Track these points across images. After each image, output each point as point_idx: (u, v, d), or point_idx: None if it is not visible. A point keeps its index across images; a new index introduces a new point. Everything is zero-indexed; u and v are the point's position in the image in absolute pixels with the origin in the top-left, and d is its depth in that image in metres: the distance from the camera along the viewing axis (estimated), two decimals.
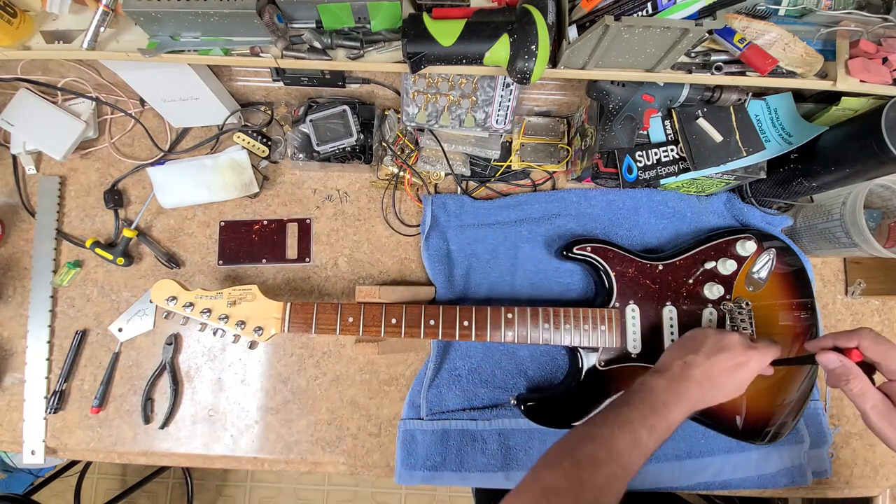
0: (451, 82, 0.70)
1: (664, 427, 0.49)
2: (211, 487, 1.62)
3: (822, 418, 0.75)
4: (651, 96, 0.65)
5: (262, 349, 0.77)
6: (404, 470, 0.72)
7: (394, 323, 0.66)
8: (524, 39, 0.50)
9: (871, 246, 0.67)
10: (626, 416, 0.49)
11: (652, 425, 0.48)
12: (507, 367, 0.75)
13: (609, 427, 0.48)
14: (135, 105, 0.81)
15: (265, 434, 0.75)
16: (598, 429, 0.49)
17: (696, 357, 0.54)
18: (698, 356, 0.54)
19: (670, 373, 0.54)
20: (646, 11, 0.50)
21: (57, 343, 0.77)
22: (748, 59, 0.55)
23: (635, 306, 0.69)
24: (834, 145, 0.64)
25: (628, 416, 0.49)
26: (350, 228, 0.80)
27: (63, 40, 0.58)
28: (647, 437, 0.47)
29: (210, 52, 0.57)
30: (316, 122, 0.73)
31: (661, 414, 0.49)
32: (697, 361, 0.54)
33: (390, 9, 0.53)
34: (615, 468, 0.45)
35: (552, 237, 0.77)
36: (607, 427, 0.48)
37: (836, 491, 0.76)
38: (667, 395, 0.51)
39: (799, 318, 0.71)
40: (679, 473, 0.73)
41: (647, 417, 0.49)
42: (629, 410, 0.50)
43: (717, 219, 0.78)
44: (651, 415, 0.49)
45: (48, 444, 0.75)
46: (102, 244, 0.76)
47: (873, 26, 0.56)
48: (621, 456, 0.46)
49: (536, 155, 0.79)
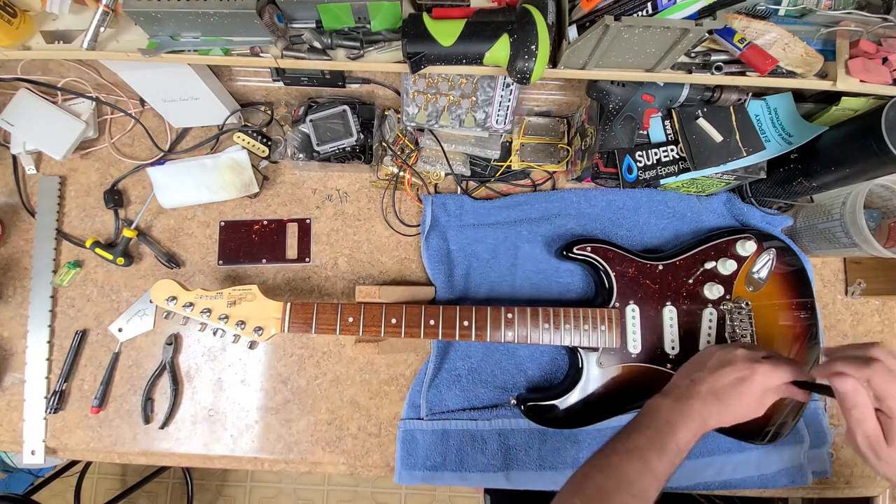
0: (451, 82, 0.70)
1: (673, 449, 0.47)
2: (211, 487, 1.62)
3: (822, 418, 0.75)
4: (651, 96, 0.65)
5: (262, 349, 0.77)
6: (404, 470, 0.72)
7: (394, 323, 0.66)
8: (524, 39, 0.50)
9: (871, 246, 0.66)
10: (633, 441, 0.48)
11: (661, 448, 0.47)
12: (507, 367, 0.75)
13: (617, 455, 0.47)
14: (135, 105, 0.81)
15: (265, 434, 0.75)
16: (607, 459, 0.48)
17: (701, 374, 0.53)
18: (703, 373, 0.53)
19: (676, 392, 0.52)
20: (646, 11, 0.50)
21: (57, 343, 0.77)
22: (748, 59, 0.55)
23: (635, 306, 0.69)
24: (834, 145, 0.64)
25: (635, 441, 0.48)
26: (350, 228, 0.80)
27: (63, 40, 0.58)
28: (656, 460, 0.46)
29: (210, 52, 0.57)
30: (316, 122, 0.73)
31: (668, 435, 0.48)
32: (702, 378, 0.52)
33: (390, 9, 0.53)
34: (626, 497, 0.44)
35: (552, 237, 0.77)
36: (615, 455, 0.47)
37: (836, 491, 0.76)
38: (671, 415, 0.50)
39: (799, 318, 0.71)
40: (679, 473, 0.71)
41: (654, 441, 0.47)
42: (636, 436, 0.49)
43: (717, 219, 0.78)
44: (657, 437, 0.48)
45: (48, 444, 0.75)
46: (102, 244, 0.76)
47: (873, 26, 0.56)
48: (631, 484, 0.45)
49: (536, 155, 0.79)
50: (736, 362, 0.52)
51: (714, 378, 0.52)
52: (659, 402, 0.52)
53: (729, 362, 0.53)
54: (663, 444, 0.47)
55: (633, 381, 0.68)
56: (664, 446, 0.47)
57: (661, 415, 0.50)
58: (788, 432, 0.68)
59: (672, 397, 0.52)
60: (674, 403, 0.51)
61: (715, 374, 0.52)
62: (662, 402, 0.52)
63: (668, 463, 0.46)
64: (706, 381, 0.52)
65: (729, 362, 0.53)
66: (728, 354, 0.54)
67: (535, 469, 0.72)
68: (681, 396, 0.51)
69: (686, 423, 0.49)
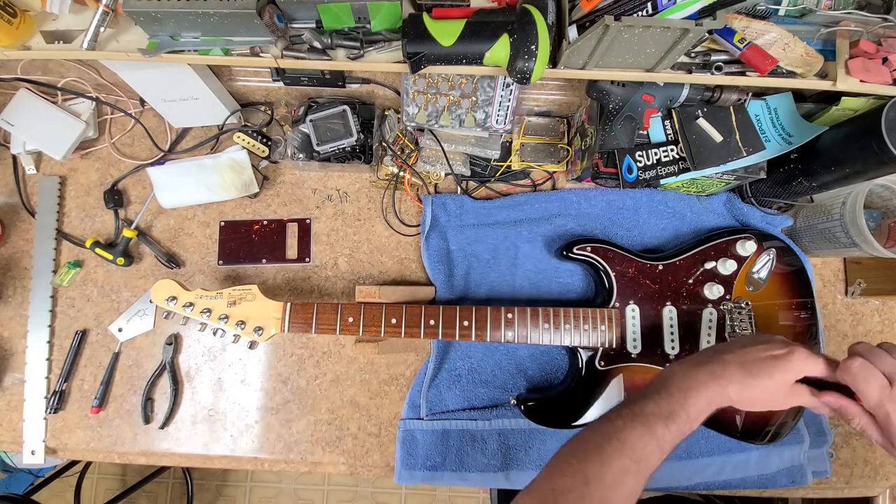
0: (451, 82, 0.70)
1: (683, 417, 0.43)
2: (211, 487, 1.62)
3: (822, 418, 0.75)
4: (651, 96, 0.65)
5: (262, 349, 0.77)
6: (404, 470, 0.72)
7: (394, 323, 0.66)
8: (524, 39, 0.50)
9: (871, 246, 0.66)
10: (640, 406, 0.45)
11: (669, 414, 0.43)
12: (507, 367, 0.75)
13: (621, 419, 0.44)
14: (135, 105, 0.81)
15: (265, 434, 0.75)
16: (611, 422, 0.45)
17: (732, 346, 0.48)
18: (734, 345, 0.48)
19: (695, 359, 0.48)
20: (646, 11, 0.50)
21: (57, 343, 0.77)
22: (748, 59, 0.55)
23: (635, 306, 0.69)
24: (834, 145, 0.64)
25: (642, 406, 0.44)
26: (350, 228, 0.80)
27: (63, 40, 0.58)
28: (662, 428, 0.42)
29: (210, 52, 0.57)
30: (316, 122, 0.73)
31: (679, 401, 0.44)
32: (730, 348, 0.48)
33: (390, 9, 0.53)
34: (626, 462, 0.41)
35: (552, 237, 0.77)
36: (619, 419, 0.44)
37: (836, 491, 0.76)
38: (686, 381, 0.45)
39: (799, 318, 0.71)
40: (679, 473, 0.73)
41: (663, 407, 0.44)
42: (644, 401, 0.45)
43: (717, 219, 0.78)
44: (667, 404, 0.44)
45: (48, 444, 0.75)
46: (102, 244, 0.76)
47: (873, 26, 0.56)
48: (633, 449, 0.42)
49: (536, 155, 0.79)
50: (773, 341, 0.47)
51: (745, 351, 0.47)
52: (675, 368, 0.48)
53: (765, 341, 0.48)
54: (672, 411, 0.43)
55: (633, 382, 0.68)
56: (673, 414, 0.43)
57: (675, 381, 0.46)
58: (788, 432, 0.68)
59: (690, 363, 0.48)
60: (690, 369, 0.47)
61: (747, 348, 0.47)
62: (677, 369, 0.48)
63: (677, 432, 0.43)
64: (735, 351, 0.47)
65: (765, 341, 0.48)
66: (765, 336, 0.49)
67: (535, 469, 0.72)
68: (700, 363, 0.47)
69: (700, 390, 0.44)
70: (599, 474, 0.41)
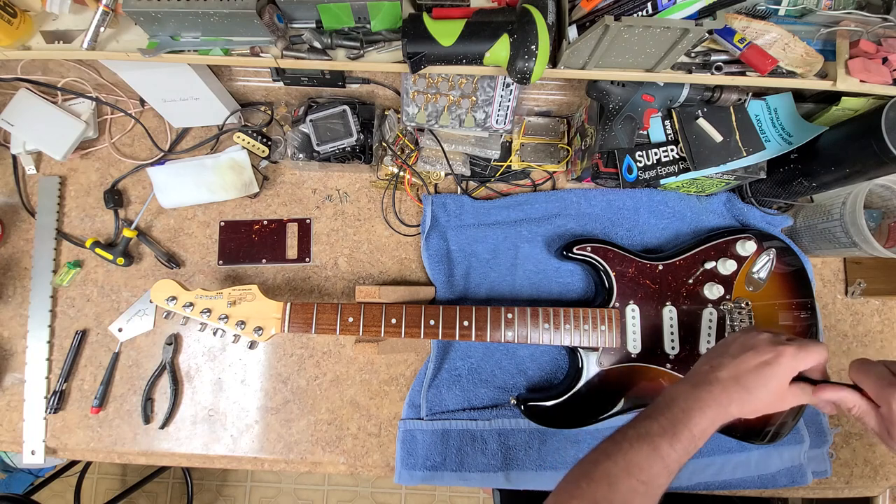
0: (451, 82, 0.70)
1: (687, 437, 0.45)
2: (211, 487, 1.62)
3: (822, 418, 0.75)
4: (651, 96, 0.65)
5: (262, 349, 0.77)
6: (404, 470, 0.72)
7: (394, 323, 0.66)
8: (524, 39, 0.50)
9: (871, 246, 0.66)
10: (645, 427, 0.46)
11: (673, 434, 0.45)
12: (507, 367, 0.75)
13: (627, 441, 0.46)
14: (135, 105, 0.81)
15: (265, 434, 0.75)
16: (617, 444, 0.46)
17: (723, 360, 0.50)
18: (724, 359, 0.50)
19: (694, 378, 0.50)
20: (646, 11, 0.50)
21: (57, 343, 0.77)
22: (748, 59, 0.55)
23: (635, 306, 0.69)
24: (834, 145, 0.64)
25: (647, 427, 0.46)
26: (350, 228, 0.80)
27: (63, 40, 0.58)
28: (667, 447, 0.44)
29: (210, 52, 0.57)
30: (316, 122, 0.73)
31: (682, 422, 0.45)
32: (723, 363, 0.49)
33: (390, 9, 0.53)
34: (634, 483, 0.43)
35: (552, 237, 0.77)
36: (626, 441, 0.46)
37: (836, 491, 0.76)
38: (688, 402, 0.47)
39: (799, 318, 0.71)
40: (679, 473, 0.72)
41: (667, 428, 0.45)
42: (649, 423, 0.47)
43: (717, 219, 0.78)
44: (671, 425, 0.45)
45: (48, 444, 0.75)
46: (102, 244, 0.76)
47: (873, 26, 0.56)
48: (641, 470, 0.43)
49: (536, 155, 0.79)
50: (759, 346, 0.49)
51: (736, 363, 0.49)
52: (676, 388, 0.50)
53: (752, 347, 0.49)
54: (676, 431, 0.45)
55: (633, 382, 0.68)
56: (677, 434, 0.45)
57: (678, 402, 0.47)
58: (788, 432, 0.68)
59: (690, 383, 0.49)
60: (691, 389, 0.48)
61: (737, 360, 0.49)
62: (679, 389, 0.49)
63: (682, 451, 0.44)
64: (728, 366, 0.49)
65: (752, 347, 0.49)
66: (751, 339, 0.51)
67: (535, 469, 0.72)
68: (699, 382, 0.49)
69: (703, 410, 0.46)
70: (608, 496, 0.42)
